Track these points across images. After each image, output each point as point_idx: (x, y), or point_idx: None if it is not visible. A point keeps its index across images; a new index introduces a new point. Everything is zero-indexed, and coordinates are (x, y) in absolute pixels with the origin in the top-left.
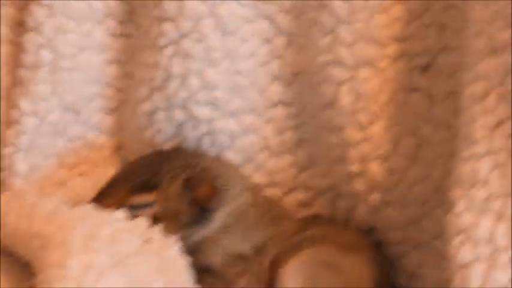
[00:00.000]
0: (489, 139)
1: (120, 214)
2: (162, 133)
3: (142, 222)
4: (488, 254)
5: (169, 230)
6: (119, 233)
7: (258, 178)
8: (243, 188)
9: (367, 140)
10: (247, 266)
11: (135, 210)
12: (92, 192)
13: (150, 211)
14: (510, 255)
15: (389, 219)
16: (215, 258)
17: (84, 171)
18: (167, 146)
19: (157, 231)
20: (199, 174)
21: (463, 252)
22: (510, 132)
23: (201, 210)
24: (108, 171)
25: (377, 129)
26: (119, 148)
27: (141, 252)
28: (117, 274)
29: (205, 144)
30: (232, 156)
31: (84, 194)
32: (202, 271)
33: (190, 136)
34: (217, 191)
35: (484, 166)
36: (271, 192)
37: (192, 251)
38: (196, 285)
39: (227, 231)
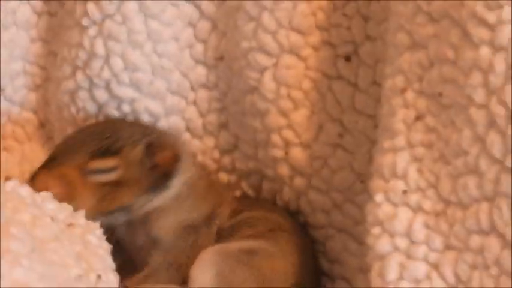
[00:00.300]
0: (408, 132)
1: (42, 198)
2: (84, 112)
3: (65, 206)
4: (405, 247)
5: (129, 197)
6: (38, 219)
7: None
8: (191, 160)
9: (290, 126)
10: (197, 238)
11: (96, 175)
12: (17, 167)
13: (112, 176)
14: (427, 250)
15: (313, 203)
16: (166, 230)
17: (9, 147)
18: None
19: (80, 216)
20: (160, 140)
21: (380, 243)
22: (429, 127)
23: (161, 177)
24: (32, 147)
25: (300, 116)
26: (43, 125)
27: (61, 237)
28: (34, 260)
29: None
30: None
31: (9, 169)
32: (152, 243)
33: (113, 115)
34: (177, 157)
35: (402, 159)
36: None
37: (143, 221)
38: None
39: (180, 200)
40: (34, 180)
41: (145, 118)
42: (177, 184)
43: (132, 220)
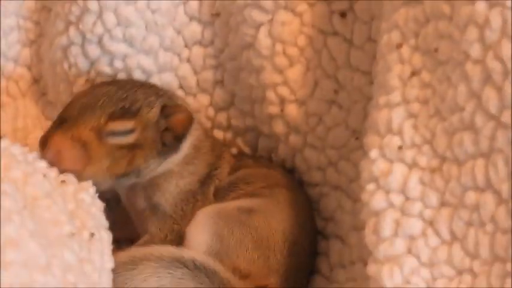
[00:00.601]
0: (403, 88)
1: (34, 156)
2: (76, 68)
3: None
4: (400, 203)
5: (143, 160)
6: (30, 176)
7: None
8: (198, 120)
9: (285, 82)
10: (195, 203)
11: (114, 137)
12: (10, 123)
13: (130, 138)
14: (422, 206)
15: (308, 160)
16: (167, 197)
17: (2, 103)
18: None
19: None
20: (174, 102)
21: (375, 199)
22: (425, 82)
23: (172, 139)
24: (26, 103)
25: (295, 72)
26: (36, 80)
27: (53, 195)
28: (25, 217)
29: None
30: None
31: (2, 125)
32: (152, 209)
33: (105, 72)
34: (191, 119)
35: (398, 115)
36: None
37: (145, 186)
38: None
39: (185, 163)
40: (48, 142)
41: (138, 74)
42: (185, 147)
43: (135, 184)
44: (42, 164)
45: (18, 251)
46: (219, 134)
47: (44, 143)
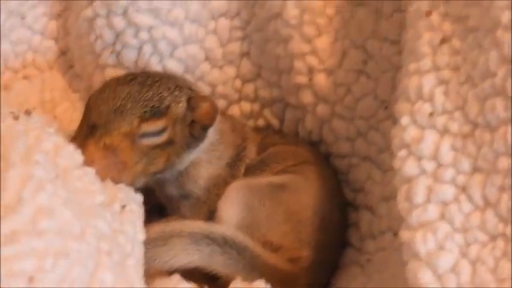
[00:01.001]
0: (434, 55)
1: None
2: (102, 39)
3: None
4: (432, 169)
5: (176, 156)
6: (61, 147)
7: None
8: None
9: (314, 52)
10: (226, 186)
11: (146, 139)
12: (37, 95)
13: (163, 138)
14: (454, 172)
15: (337, 131)
16: (198, 184)
17: (29, 75)
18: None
19: None
20: (198, 93)
21: (407, 166)
22: (455, 49)
23: (199, 129)
24: (53, 75)
25: (323, 42)
26: (63, 53)
27: (84, 166)
28: (58, 186)
29: (146, 53)
30: (173, 65)
31: (29, 97)
32: (182, 196)
33: (131, 43)
34: (216, 108)
35: (428, 82)
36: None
37: (176, 176)
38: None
39: (212, 149)
40: (82, 153)
41: (163, 46)
42: (211, 134)
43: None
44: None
45: (52, 219)
46: (246, 106)
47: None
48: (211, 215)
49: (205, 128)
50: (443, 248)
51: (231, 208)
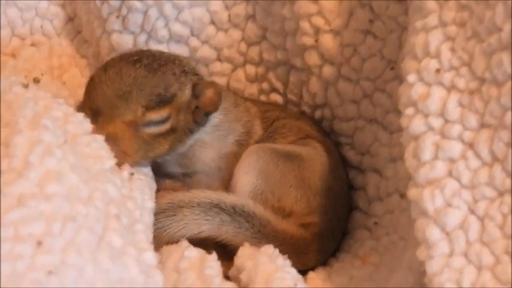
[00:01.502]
0: (440, 11)
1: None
2: (108, 4)
3: None
4: (439, 126)
5: (179, 141)
6: (71, 115)
7: (206, 52)
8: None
9: (320, 13)
10: (235, 162)
11: (150, 127)
12: (45, 62)
13: (166, 126)
14: (462, 129)
15: (342, 93)
16: (206, 162)
17: (37, 42)
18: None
19: None
20: (202, 79)
21: (414, 123)
22: (461, 5)
23: (205, 115)
24: (61, 42)
25: (330, 2)
26: (71, 19)
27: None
28: (66, 151)
29: (152, 16)
30: (179, 28)
31: (36, 64)
32: (190, 175)
33: (136, 7)
34: (220, 93)
35: (435, 38)
36: (221, 67)
37: (182, 156)
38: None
39: (217, 128)
40: None
41: (169, 9)
42: (215, 115)
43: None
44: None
45: (60, 183)
46: (251, 69)
47: None
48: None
49: (208, 114)
50: (451, 204)
51: (247, 173)
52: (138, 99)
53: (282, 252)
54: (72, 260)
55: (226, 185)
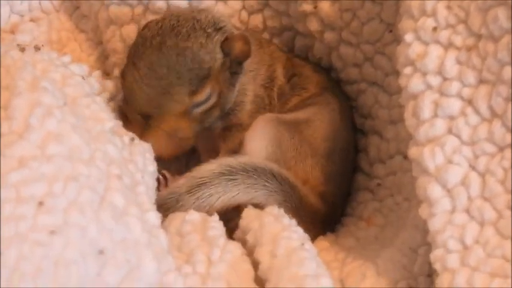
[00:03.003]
0: None
1: (70, 60)
2: None
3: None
4: (438, 84)
5: (227, 97)
6: (69, 77)
7: None
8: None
9: None
10: (265, 108)
11: (199, 107)
12: (44, 36)
13: (212, 101)
14: (460, 86)
15: (344, 57)
16: (243, 113)
17: (35, 18)
18: None
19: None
20: (229, 32)
21: (413, 82)
22: None
23: (239, 64)
24: (60, 17)
25: None
26: None
27: (92, 95)
28: (66, 112)
29: None
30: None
31: (36, 37)
32: (226, 130)
33: None
34: (248, 39)
35: None
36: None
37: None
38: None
39: (248, 71)
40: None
41: None
42: (249, 60)
43: None
44: (81, 69)
45: (61, 144)
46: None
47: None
48: None
49: (242, 62)
50: (452, 161)
51: (259, 141)
52: (180, 89)
53: (304, 220)
54: (75, 220)
55: None
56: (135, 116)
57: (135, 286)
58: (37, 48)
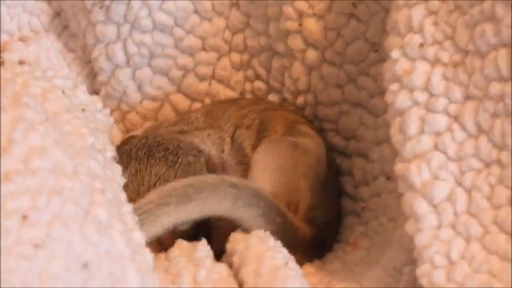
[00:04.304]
0: None
1: (54, 73)
2: None
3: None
4: (424, 100)
5: None
6: (49, 92)
7: (191, 42)
8: None
9: None
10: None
11: None
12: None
13: None
14: (447, 102)
15: (326, 77)
16: None
17: (25, 37)
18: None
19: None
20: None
21: (399, 99)
22: None
23: None
24: (48, 36)
25: None
26: (57, 14)
27: (73, 110)
28: (49, 127)
29: (135, 6)
30: (162, 18)
31: (24, 56)
32: None
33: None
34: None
35: (418, 13)
36: (207, 57)
37: None
38: None
39: None
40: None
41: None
42: None
43: None
44: (60, 81)
45: (45, 158)
46: (236, 57)
47: None
48: None
49: None
50: (438, 177)
51: (265, 174)
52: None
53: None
54: (59, 234)
55: None
56: None
57: None
58: (21, 63)
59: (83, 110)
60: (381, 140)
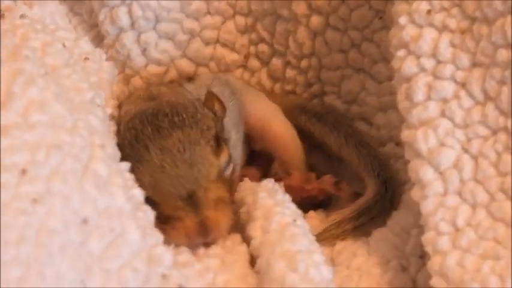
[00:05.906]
0: None
1: (55, 26)
2: None
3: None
4: (431, 67)
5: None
6: (49, 45)
7: (197, 6)
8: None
9: None
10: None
11: (226, 169)
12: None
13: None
14: (454, 69)
15: (330, 42)
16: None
17: (29, 2)
18: None
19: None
20: (209, 95)
21: (406, 65)
22: None
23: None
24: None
25: None
26: None
27: (73, 64)
28: (49, 81)
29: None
30: None
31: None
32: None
33: None
34: (223, 103)
35: None
36: (212, 20)
37: None
38: None
39: (231, 129)
40: (208, 225)
41: None
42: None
43: None
44: (62, 33)
45: (44, 112)
46: (240, 20)
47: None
48: None
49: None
50: (445, 144)
51: None
52: (204, 152)
53: None
54: (57, 188)
55: None
56: (175, 213)
57: (119, 254)
58: (23, 17)
59: (86, 58)
60: (386, 106)
